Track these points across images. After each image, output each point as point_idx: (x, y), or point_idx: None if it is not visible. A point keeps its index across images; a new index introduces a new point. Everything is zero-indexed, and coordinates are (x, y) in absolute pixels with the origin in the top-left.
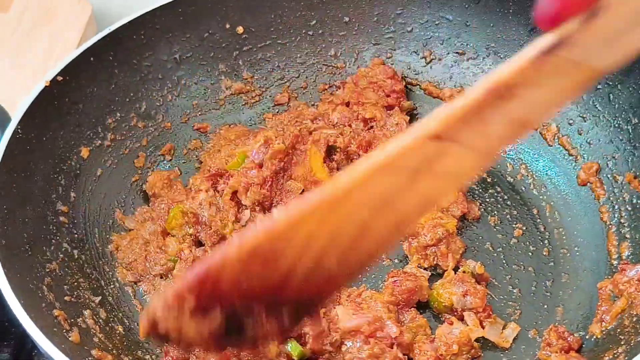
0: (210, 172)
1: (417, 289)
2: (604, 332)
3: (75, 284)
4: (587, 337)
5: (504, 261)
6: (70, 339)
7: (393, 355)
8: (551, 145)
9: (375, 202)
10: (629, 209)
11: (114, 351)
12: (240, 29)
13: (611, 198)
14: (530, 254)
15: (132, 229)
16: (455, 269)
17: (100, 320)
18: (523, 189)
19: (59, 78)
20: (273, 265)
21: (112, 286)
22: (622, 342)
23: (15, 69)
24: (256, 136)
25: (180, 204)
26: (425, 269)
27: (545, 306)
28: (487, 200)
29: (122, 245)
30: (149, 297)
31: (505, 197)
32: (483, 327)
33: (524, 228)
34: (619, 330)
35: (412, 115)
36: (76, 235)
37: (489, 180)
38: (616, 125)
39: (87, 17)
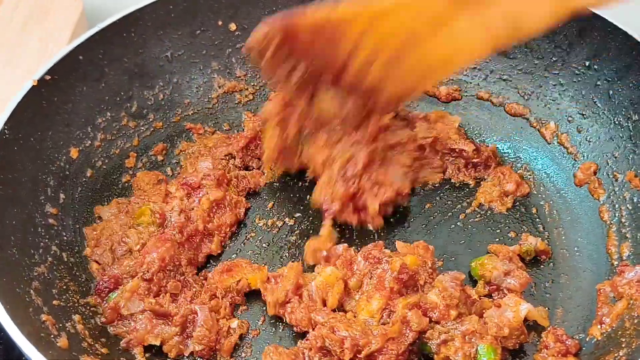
0: (186, 181)
1: None
2: (604, 335)
3: (65, 287)
4: (586, 339)
5: None
6: (58, 344)
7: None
8: (550, 144)
9: (407, 33)
10: (630, 207)
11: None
12: (232, 26)
13: (611, 197)
14: None
15: (105, 220)
16: None
17: (90, 325)
18: None
19: (47, 77)
20: (335, 46)
21: None
22: (624, 345)
23: (8, 67)
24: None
25: (154, 203)
26: None
27: (545, 308)
28: None
29: (92, 238)
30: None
31: None
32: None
33: (523, 227)
34: (619, 332)
35: None
36: (65, 238)
37: None
38: (616, 122)
39: (78, 14)
